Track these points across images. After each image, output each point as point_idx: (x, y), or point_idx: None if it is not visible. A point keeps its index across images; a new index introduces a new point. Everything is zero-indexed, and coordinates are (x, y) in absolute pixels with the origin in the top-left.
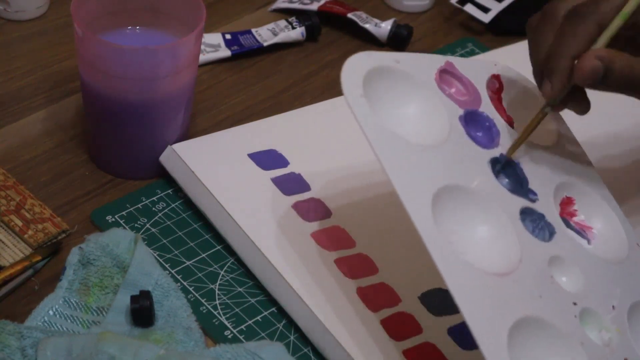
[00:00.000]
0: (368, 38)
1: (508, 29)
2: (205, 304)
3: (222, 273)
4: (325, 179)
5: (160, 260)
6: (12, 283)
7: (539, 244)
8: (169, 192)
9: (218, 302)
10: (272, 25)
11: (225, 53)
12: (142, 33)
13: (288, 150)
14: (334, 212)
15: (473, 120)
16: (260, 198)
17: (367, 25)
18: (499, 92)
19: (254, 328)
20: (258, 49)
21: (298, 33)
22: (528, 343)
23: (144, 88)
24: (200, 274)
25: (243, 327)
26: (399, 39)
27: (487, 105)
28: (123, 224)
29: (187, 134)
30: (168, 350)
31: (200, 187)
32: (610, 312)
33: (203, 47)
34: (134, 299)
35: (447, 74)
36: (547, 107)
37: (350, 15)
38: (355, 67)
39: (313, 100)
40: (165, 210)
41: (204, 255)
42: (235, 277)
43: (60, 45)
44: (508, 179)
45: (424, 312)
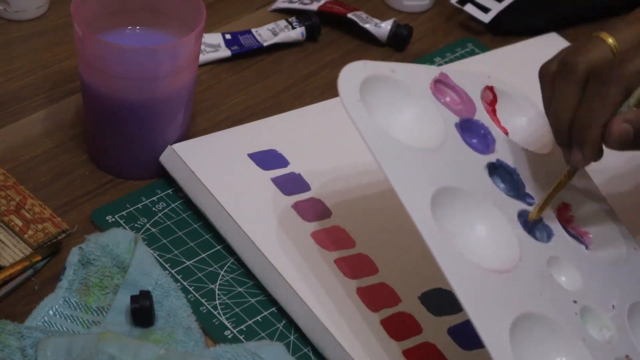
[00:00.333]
0: (368, 38)
1: (508, 29)
2: (205, 304)
3: (222, 273)
4: (325, 179)
5: (160, 260)
6: (12, 283)
7: (538, 245)
8: (169, 192)
9: (218, 302)
10: (272, 25)
11: (225, 53)
12: (142, 33)
13: (288, 150)
14: (334, 212)
15: (468, 128)
16: (260, 198)
17: (367, 25)
18: (493, 103)
19: (254, 328)
20: (258, 49)
21: (298, 33)
22: (530, 339)
23: (144, 88)
24: (200, 274)
25: (243, 327)
26: (399, 39)
27: (482, 114)
28: (123, 224)
29: (187, 134)
30: (168, 350)
31: (200, 187)
32: (610, 311)
33: (203, 47)
34: (134, 299)
35: (441, 84)
36: (573, 168)
37: (350, 15)
38: (352, 74)
39: (313, 100)
40: (165, 210)
41: (204, 255)
42: (235, 277)
43: (60, 45)
44: (505, 184)
45: (424, 312)
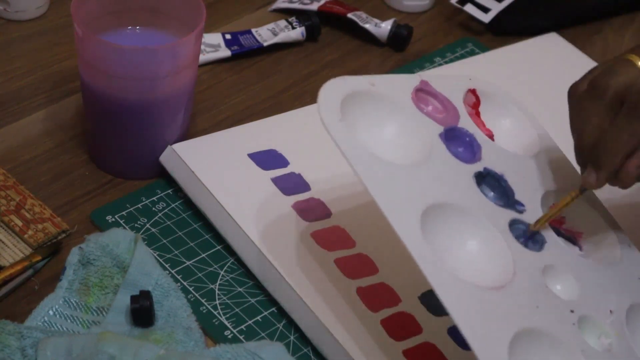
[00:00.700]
0: (368, 38)
1: (508, 29)
2: (205, 304)
3: (222, 273)
4: (325, 179)
5: (160, 260)
6: (12, 283)
7: (531, 254)
8: (169, 192)
9: (218, 302)
10: (272, 25)
11: (225, 53)
12: (142, 33)
13: (288, 150)
14: (334, 212)
15: (453, 137)
16: (260, 198)
17: (367, 25)
18: (477, 106)
19: (254, 328)
20: (258, 49)
21: (298, 33)
22: (529, 355)
23: (144, 88)
24: (200, 274)
25: (243, 327)
26: (399, 39)
27: (465, 121)
28: (123, 224)
29: (187, 134)
30: (168, 350)
31: (200, 187)
32: (608, 316)
33: (203, 47)
34: (134, 299)
35: (423, 93)
36: (584, 189)
37: (350, 15)
38: (332, 92)
39: (313, 100)
40: (165, 210)
41: (204, 255)
42: (235, 277)
43: (60, 45)
44: (494, 192)
45: (424, 312)
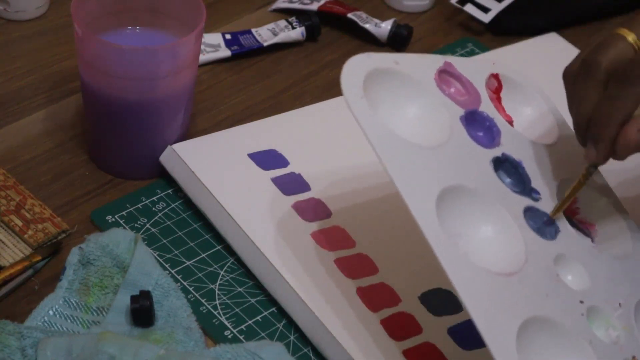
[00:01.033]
0: (368, 38)
1: (508, 29)
2: (205, 304)
3: (222, 273)
4: (325, 179)
5: (160, 260)
6: (12, 283)
7: (544, 243)
8: (169, 192)
9: (218, 302)
10: (272, 25)
11: (225, 53)
12: (142, 33)
13: (288, 150)
14: (334, 212)
15: (473, 120)
16: (260, 198)
17: (367, 25)
18: (498, 91)
19: (254, 328)
20: (258, 49)
21: (298, 33)
22: (536, 343)
23: (144, 88)
24: (200, 274)
25: (243, 327)
26: (399, 39)
27: (487, 105)
28: (123, 224)
29: (187, 134)
30: (168, 350)
31: (200, 187)
32: (617, 309)
33: (203, 47)
34: (134, 299)
35: (446, 74)
36: (591, 167)
37: (350, 15)
38: (355, 68)
39: (313, 100)
40: (165, 210)
41: (204, 255)
42: (235, 277)
43: (60, 45)
44: (510, 179)
45: (424, 312)
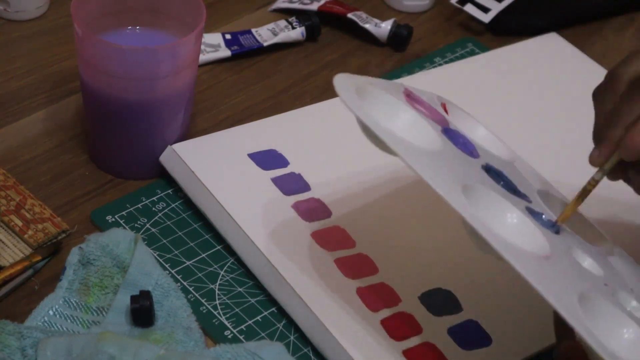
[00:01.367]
0: (368, 38)
1: (508, 29)
2: (205, 304)
3: (222, 273)
4: (325, 179)
5: (160, 260)
6: (12, 283)
7: (554, 236)
8: (169, 192)
9: (218, 302)
10: (272, 25)
11: (225, 53)
12: (142, 33)
13: (288, 150)
14: (334, 212)
15: (450, 136)
16: (260, 198)
17: (367, 25)
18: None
19: (254, 328)
20: (258, 49)
21: (298, 33)
22: (592, 315)
23: (144, 88)
24: (200, 274)
25: (243, 327)
26: (399, 39)
27: (454, 124)
28: (123, 224)
29: (187, 134)
30: (168, 350)
31: (200, 187)
32: (631, 294)
33: (203, 47)
34: (134, 299)
35: (410, 98)
36: (597, 174)
37: (350, 15)
38: (345, 82)
39: (313, 100)
40: (165, 210)
41: (204, 255)
42: (235, 277)
43: (60, 45)
44: (502, 183)
45: (424, 312)
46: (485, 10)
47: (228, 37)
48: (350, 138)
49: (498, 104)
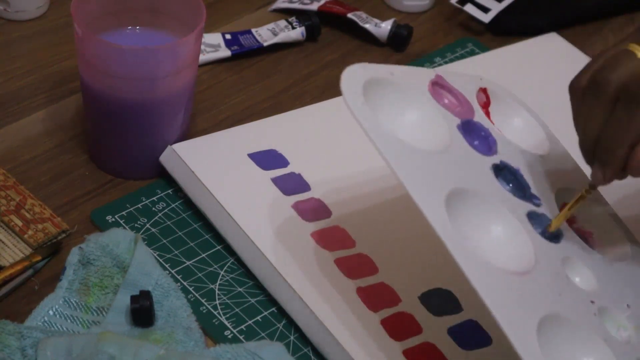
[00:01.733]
0: (368, 38)
1: (508, 29)
2: (205, 304)
3: (222, 273)
4: (325, 179)
5: (160, 260)
6: (12, 283)
7: (551, 245)
8: (169, 192)
9: (218, 302)
10: (272, 25)
11: (225, 53)
12: (142, 33)
13: (288, 150)
14: (334, 212)
15: (469, 130)
16: (260, 198)
17: (367, 25)
18: (487, 105)
19: (254, 328)
20: (258, 49)
21: (298, 33)
22: (555, 340)
23: (144, 88)
24: (200, 274)
25: (243, 327)
26: (399, 39)
27: (480, 115)
28: (123, 224)
29: (187, 134)
30: (168, 350)
31: (200, 187)
32: (626, 310)
33: (203, 47)
34: (134, 299)
35: (438, 86)
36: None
37: (350, 15)
38: (353, 77)
39: (313, 100)
40: (165, 210)
41: (204, 255)
42: (235, 277)
43: (60, 45)
44: (510, 185)
45: (424, 312)
46: (485, 10)
47: (228, 37)
48: (351, 138)
49: None
